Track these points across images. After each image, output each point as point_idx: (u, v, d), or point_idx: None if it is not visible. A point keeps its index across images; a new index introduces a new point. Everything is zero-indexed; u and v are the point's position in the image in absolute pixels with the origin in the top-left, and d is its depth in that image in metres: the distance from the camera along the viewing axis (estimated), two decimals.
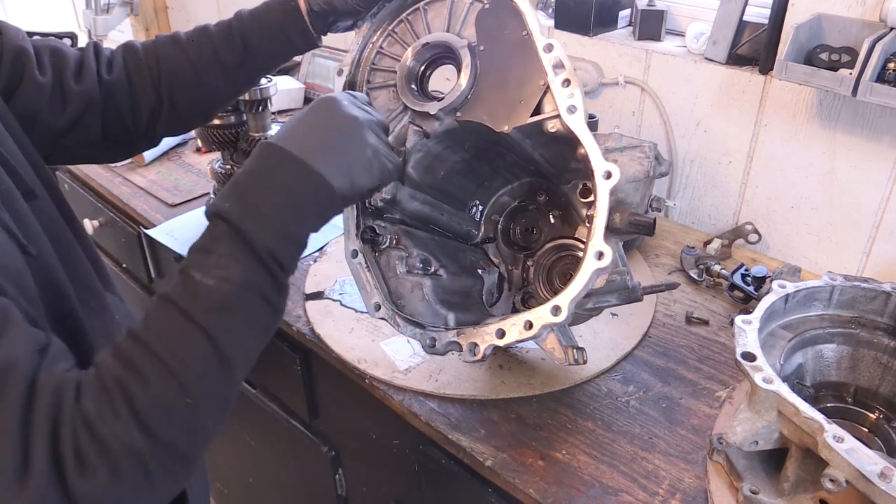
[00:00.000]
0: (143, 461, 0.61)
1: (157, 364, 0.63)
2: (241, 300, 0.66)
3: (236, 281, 0.66)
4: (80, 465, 0.58)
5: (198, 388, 0.64)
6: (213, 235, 0.68)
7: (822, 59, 1.19)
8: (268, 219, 0.68)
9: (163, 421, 0.62)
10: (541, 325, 0.87)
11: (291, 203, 0.70)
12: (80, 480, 0.58)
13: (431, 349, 0.96)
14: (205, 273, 0.66)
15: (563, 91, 0.91)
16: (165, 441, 0.62)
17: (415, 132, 1.02)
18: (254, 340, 0.70)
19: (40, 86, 0.87)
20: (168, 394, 0.63)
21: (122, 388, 0.61)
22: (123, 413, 0.60)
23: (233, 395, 0.69)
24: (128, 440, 0.60)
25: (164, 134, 1.03)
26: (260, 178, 0.71)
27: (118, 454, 0.60)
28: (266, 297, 0.69)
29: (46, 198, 0.80)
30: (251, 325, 0.69)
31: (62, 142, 0.92)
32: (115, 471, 0.60)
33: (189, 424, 0.65)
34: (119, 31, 2.56)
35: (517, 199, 1.22)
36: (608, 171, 0.87)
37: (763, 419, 0.84)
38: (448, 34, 1.00)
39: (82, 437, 0.59)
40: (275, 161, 0.71)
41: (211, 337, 0.64)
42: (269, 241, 0.68)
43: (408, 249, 1.07)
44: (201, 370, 0.65)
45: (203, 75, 0.98)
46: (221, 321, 0.65)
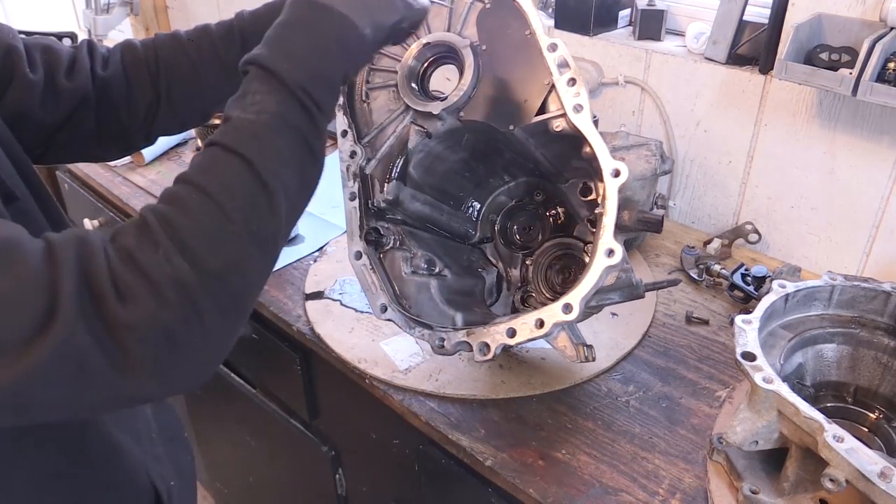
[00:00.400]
0: (190, 292, 0.59)
1: (196, 192, 0.62)
2: (277, 130, 0.67)
3: (272, 112, 0.67)
4: (120, 294, 0.57)
5: (241, 215, 0.63)
6: (248, 80, 0.69)
7: (822, 58, 1.19)
8: (297, 57, 0.70)
9: (207, 248, 0.61)
10: (552, 323, 0.88)
11: (319, 44, 0.71)
12: (122, 309, 0.56)
13: (441, 350, 0.96)
14: (242, 110, 0.67)
15: (568, 90, 0.91)
16: (212, 270, 0.60)
17: (417, 132, 1.02)
18: (294, 176, 0.68)
19: (31, 83, 0.87)
20: (210, 220, 0.62)
21: (161, 219, 0.60)
22: (165, 242, 0.59)
23: (277, 231, 0.67)
24: (171, 269, 0.58)
25: (161, 132, 1.03)
26: (288, 26, 0.72)
27: (162, 281, 0.58)
28: (303, 133, 0.69)
29: (29, 200, 0.80)
30: (290, 158, 0.68)
31: (56, 139, 0.92)
32: (160, 298, 0.58)
33: (235, 256, 0.63)
34: (119, 30, 2.56)
35: (514, 199, 1.22)
36: (616, 170, 0.87)
37: (763, 419, 0.84)
38: (450, 34, 1.00)
39: (121, 269, 0.57)
40: (302, 10, 0.73)
41: (249, 161, 0.64)
42: (300, 76, 0.69)
43: (412, 250, 1.07)
44: (241, 193, 0.64)
45: (202, 73, 0.98)
46: (259, 147, 0.65)
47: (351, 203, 1.06)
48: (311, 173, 0.72)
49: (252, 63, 0.70)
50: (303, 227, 1.52)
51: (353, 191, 1.05)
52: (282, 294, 1.32)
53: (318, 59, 0.71)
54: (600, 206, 0.88)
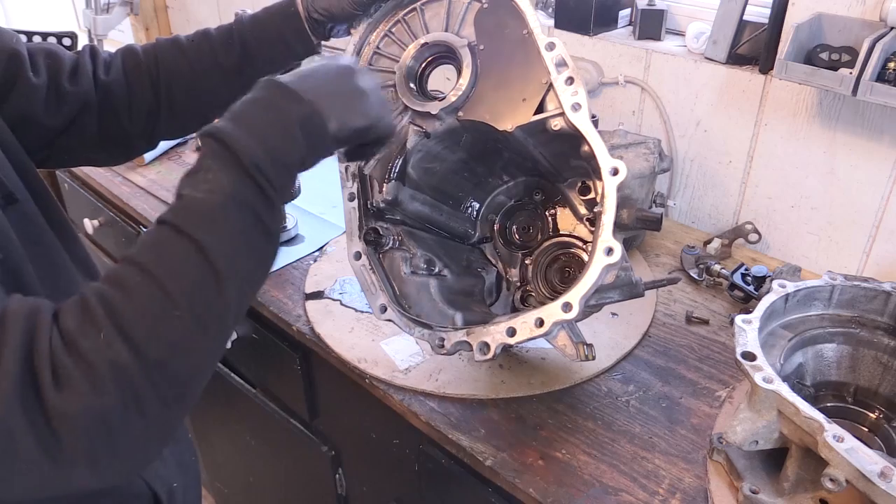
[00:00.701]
0: (130, 378, 0.57)
1: (141, 275, 0.60)
2: (230, 211, 0.64)
3: (225, 192, 0.64)
4: (58, 380, 0.55)
5: (185, 300, 0.60)
6: (203, 154, 0.67)
7: (823, 58, 1.19)
8: (257, 136, 0.67)
9: (150, 334, 0.58)
10: (552, 321, 0.88)
11: (281, 126, 0.69)
12: (58, 395, 0.54)
13: (440, 349, 0.96)
14: (194, 188, 0.65)
15: (566, 89, 0.91)
16: (154, 358, 0.58)
17: (415, 132, 1.02)
18: (247, 258, 0.67)
19: (34, 87, 0.87)
20: (154, 305, 0.59)
21: (104, 302, 0.58)
22: (106, 327, 0.57)
23: (227, 315, 0.65)
24: (111, 354, 0.56)
25: (163, 136, 1.03)
26: (253, 103, 0.71)
27: (101, 368, 0.56)
28: (257, 213, 0.66)
29: (30, 202, 0.80)
30: (243, 240, 0.66)
31: (58, 143, 0.92)
32: (98, 386, 0.55)
33: (179, 342, 0.60)
34: (119, 30, 2.56)
35: (513, 199, 1.22)
36: (615, 168, 0.87)
37: (763, 419, 0.84)
38: (447, 34, 1.00)
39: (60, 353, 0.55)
40: (270, 92, 0.72)
41: (198, 245, 0.62)
42: (257, 156, 0.66)
43: (411, 250, 1.07)
44: (188, 277, 0.61)
45: (202, 78, 0.99)
46: (210, 230, 0.63)
47: (350, 203, 1.06)
48: (266, 251, 0.70)
49: (209, 135, 0.67)
50: (303, 227, 1.52)
51: (351, 191, 1.06)
52: (282, 294, 1.32)
53: (279, 140, 0.69)
54: (599, 204, 0.88)
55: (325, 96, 0.73)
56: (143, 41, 2.68)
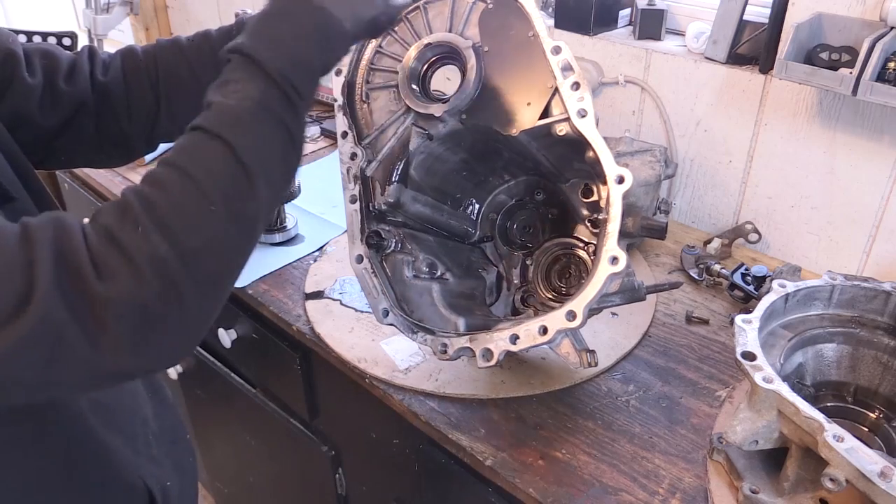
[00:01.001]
0: (168, 270, 0.60)
1: (176, 173, 0.63)
2: (258, 116, 0.68)
3: (254, 98, 0.68)
4: (98, 270, 0.58)
5: (221, 196, 0.64)
6: (230, 68, 0.71)
7: (823, 58, 1.19)
8: (278, 46, 0.71)
9: (186, 228, 0.62)
10: (556, 329, 0.88)
11: (299, 33, 0.72)
12: (101, 285, 0.57)
13: (443, 355, 0.96)
14: (224, 96, 0.68)
15: (572, 94, 0.91)
16: (191, 249, 0.61)
17: (418, 134, 1.02)
18: (275, 161, 0.70)
19: (30, 87, 0.87)
20: (190, 200, 0.63)
21: (142, 200, 0.62)
22: (144, 221, 0.60)
23: (257, 213, 0.69)
24: (149, 247, 0.59)
25: (163, 138, 1.03)
26: (271, 16, 0.74)
27: (140, 259, 0.59)
28: (283, 119, 0.70)
29: (28, 201, 0.80)
30: (271, 144, 0.69)
31: (56, 144, 0.92)
32: (138, 275, 0.59)
33: (214, 236, 0.64)
34: (119, 30, 2.55)
35: (514, 198, 1.22)
36: (621, 176, 0.87)
37: (763, 418, 0.84)
38: (451, 34, 0.99)
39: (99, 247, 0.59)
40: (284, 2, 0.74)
41: (230, 145, 0.65)
42: (281, 64, 0.70)
43: (413, 253, 1.07)
44: (222, 176, 0.65)
45: (202, 79, 0.98)
46: (240, 132, 0.66)
47: (352, 206, 1.05)
48: (292, 158, 0.74)
49: (234, 51, 0.71)
50: (303, 226, 1.52)
51: (353, 193, 1.05)
52: (282, 294, 1.32)
53: (299, 47, 0.72)
54: (604, 211, 0.88)
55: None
56: (143, 41, 2.69)
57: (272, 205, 0.73)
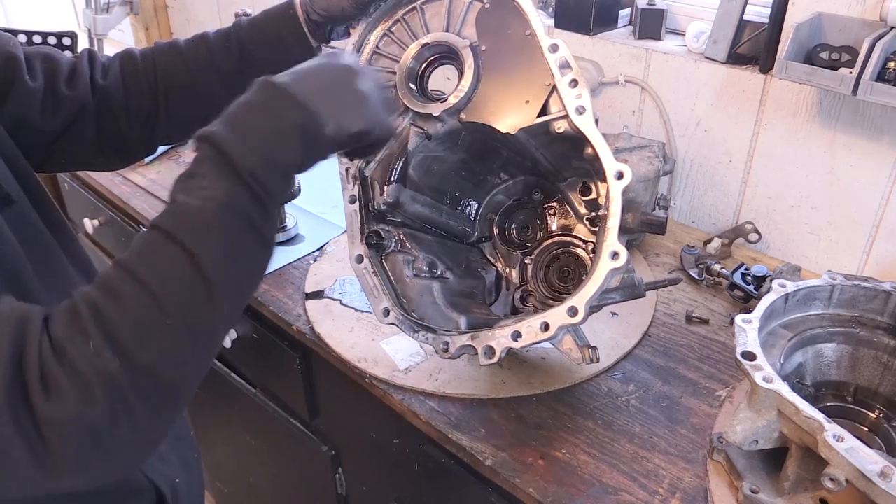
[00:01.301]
0: (118, 387, 0.57)
1: (132, 282, 0.60)
2: (224, 219, 0.64)
3: (219, 200, 0.64)
4: (47, 388, 0.55)
5: (177, 309, 0.60)
6: (198, 159, 0.66)
7: (823, 58, 1.19)
8: (251, 142, 0.67)
9: (139, 342, 0.58)
10: (558, 326, 0.88)
11: (277, 130, 0.69)
12: (47, 404, 0.55)
13: (445, 353, 0.96)
14: (188, 194, 0.64)
15: (570, 92, 0.91)
16: (143, 366, 0.58)
17: (417, 134, 1.02)
18: (240, 267, 0.66)
19: (31, 91, 0.87)
20: (144, 313, 0.59)
21: (94, 310, 0.58)
22: (95, 335, 0.57)
23: (218, 324, 0.65)
24: (100, 363, 0.56)
25: (162, 141, 1.03)
26: (248, 106, 0.70)
27: (90, 377, 0.56)
28: (251, 220, 0.66)
29: (27, 203, 0.80)
30: (236, 249, 0.65)
31: (57, 147, 0.92)
32: (86, 395, 0.56)
33: (169, 349, 0.60)
34: (119, 30, 2.56)
35: (512, 197, 1.22)
36: (620, 172, 0.87)
37: (763, 418, 0.84)
38: (449, 34, 0.99)
39: (49, 361, 0.56)
40: (265, 94, 0.70)
41: (191, 253, 0.61)
42: (252, 162, 0.65)
43: (413, 253, 1.07)
44: (179, 286, 0.61)
45: (200, 81, 0.98)
46: (203, 239, 0.63)
47: (351, 206, 1.05)
48: (259, 260, 0.70)
49: (204, 140, 0.67)
50: (303, 226, 1.52)
51: (352, 193, 1.05)
52: (282, 294, 1.32)
53: (275, 146, 0.68)
54: (604, 207, 0.88)
55: (322, 99, 0.71)
56: (143, 41, 2.69)
57: (237, 310, 0.69)
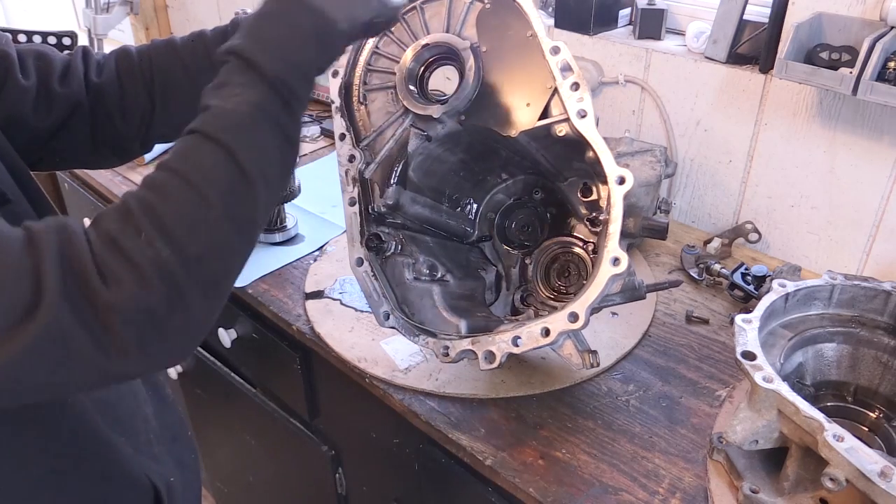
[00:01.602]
0: (172, 275, 0.61)
1: (176, 179, 0.64)
2: (256, 120, 0.68)
3: (252, 102, 0.68)
4: (104, 277, 0.58)
5: (220, 201, 0.65)
6: (227, 70, 0.71)
7: (823, 57, 1.19)
8: (275, 49, 0.71)
9: (188, 233, 0.63)
10: (558, 331, 0.88)
11: (296, 35, 0.73)
12: (107, 291, 0.58)
13: (445, 358, 0.96)
14: (221, 100, 0.68)
15: (572, 95, 0.91)
16: (193, 255, 0.62)
17: (417, 136, 1.01)
18: (272, 163, 0.71)
19: (24, 89, 0.87)
20: (190, 205, 0.63)
21: (143, 205, 0.62)
22: (147, 227, 0.61)
23: (256, 216, 0.70)
24: (153, 252, 0.60)
25: (158, 139, 1.03)
26: (267, 17, 0.73)
27: (145, 265, 0.60)
28: (280, 122, 0.70)
29: (23, 203, 0.80)
30: (269, 147, 0.70)
31: (50, 146, 0.92)
32: (143, 281, 0.59)
33: (215, 239, 0.65)
34: (119, 30, 2.56)
35: (512, 197, 1.22)
36: (622, 177, 0.87)
37: (763, 418, 0.84)
38: (449, 35, 0.99)
39: (104, 253, 0.59)
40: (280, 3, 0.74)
41: (229, 150, 0.66)
42: (278, 67, 0.70)
43: (413, 255, 1.07)
44: (221, 180, 0.65)
45: (196, 79, 0.98)
46: (238, 136, 0.67)
47: (351, 208, 1.05)
48: (289, 159, 0.74)
49: (231, 53, 0.71)
50: (303, 226, 1.52)
51: (352, 196, 1.05)
52: (282, 293, 1.32)
53: (296, 50, 0.72)
54: (605, 212, 0.88)
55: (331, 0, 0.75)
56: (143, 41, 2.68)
57: (270, 206, 0.74)
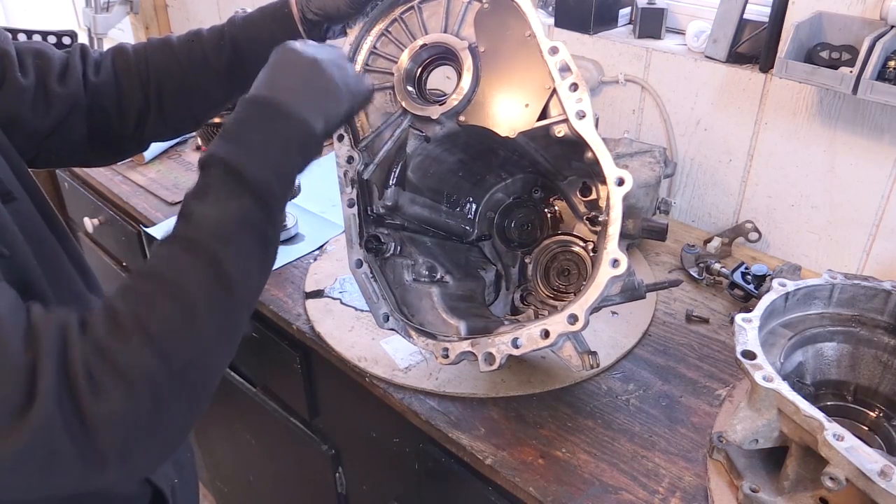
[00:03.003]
0: (157, 386, 0.61)
1: (163, 288, 0.65)
2: (241, 230, 0.70)
3: (237, 212, 0.70)
4: (94, 387, 0.58)
5: (206, 312, 0.66)
6: (209, 177, 0.71)
7: (823, 57, 1.19)
8: (260, 159, 0.73)
9: (175, 343, 0.63)
10: (557, 333, 0.87)
11: (278, 142, 0.75)
12: (95, 402, 0.58)
13: (445, 359, 0.96)
14: (206, 208, 0.69)
15: (570, 95, 0.90)
16: (180, 366, 0.63)
17: (415, 136, 1.01)
18: (253, 268, 0.72)
19: (22, 88, 0.87)
20: (177, 315, 0.64)
21: (131, 312, 0.63)
22: (135, 337, 0.61)
23: (239, 323, 0.71)
24: (142, 363, 0.61)
25: (153, 138, 1.03)
26: (249, 125, 0.75)
27: (133, 377, 0.60)
28: (262, 228, 0.72)
29: (27, 200, 0.80)
30: (251, 252, 0.71)
31: (47, 144, 0.92)
32: (130, 393, 0.60)
33: (201, 349, 0.66)
34: (119, 29, 2.56)
35: (512, 196, 1.21)
36: (621, 178, 0.86)
37: (763, 417, 0.84)
38: (447, 35, 0.98)
39: (95, 362, 0.59)
40: (258, 110, 0.76)
41: (214, 261, 0.67)
42: (263, 178, 0.72)
43: (413, 257, 1.07)
44: (207, 292, 0.66)
45: (192, 78, 0.98)
46: (223, 246, 0.68)
47: (349, 210, 1.04)
48: (268, 261, 0.76)
49: (214, 160, 0.71)
50: (303, 226, 1.52)
51: (351, 197, 1.04)
52: (282, 293, 1.32)
53: (280, 159, 0.75)
54: (604, 213, 0.88)
55: (308, 103, 0.78)
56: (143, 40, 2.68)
57: (252, 304, 0.75)
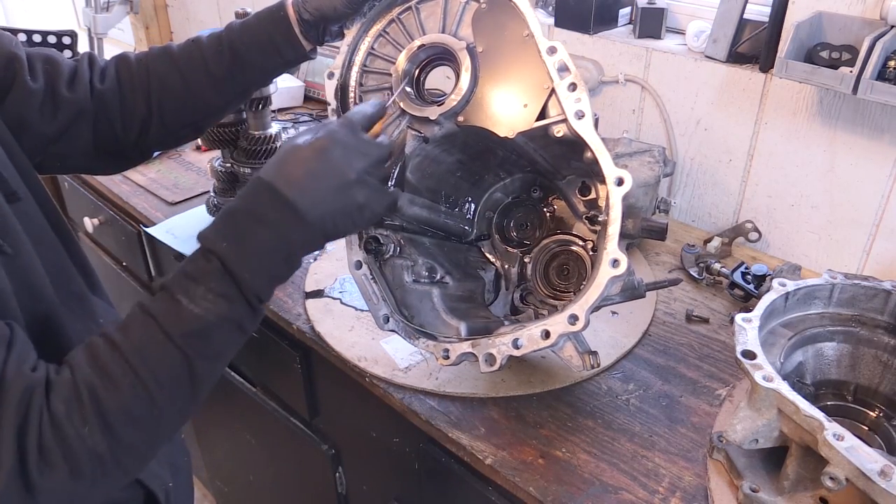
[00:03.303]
0: (103, 462, 0.65)
1: (131, 376, 0.66)
2: (220, 330, 0.71)
3: (221, 315, 0.70)
4: (43, 461, 0.62)
5: (167, 403, 0.69)
6: (205, 269, 0.71)
7: (823, 57, 1.19)
8: (261, 267, 0.73)
9: (128, 427, 0.66)
10: (558, 334, 0.87)
11: (284, 250, 0.75)
12: (41, 476, 0.61)
13: (445, 360, 0.96)
14: (191, 300, 0.69)
15: (569, 95, 0.90)
16: (126, 444, 0.67)
17: (414, 137, 1.01)
18: (223, 362, 0.76)
19: (31, 92, 0.87)
20: (138, 405, 0.67)
21: (93, 394, 0.65)
22: (92, 419, 0.64)
23: (196, 407, 0.74)
24: (92, 444, 0.64)
25: (156, 147, 1.03)
26: (256, 220, 0.74)
27: (81, 456, 0.63)
28: (243, 328, 0.74)
29: (31, 201, 0.81)
30: (225, 351, 0.74)
31: (52, 150, 0.92)
32: (75, 470, 0.63)
33: (151, 432, 0.69)
34: (119, 29, 2.56)
35: (510, 195, 1.21)
36: (620, 178, 0.86)
37: (763, 417, 0.84)
38: (445, 35, 0.98)
39: (48, 436, 0.62)
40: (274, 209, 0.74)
41: (188, 359, 0.69)
42: (259, 286, 0.73)
43: (412, 258, 1.06)
44: (173, 385, 0.69)
45: (192, 86, 0.98)
46: (199, 346, 0.70)
47: None
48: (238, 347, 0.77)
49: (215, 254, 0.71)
50: None
51: None
52: (282, 293, 1.32)
53: (280, 267, 0.76)
54: (604, 213, 0.88)
55: (326, 216, 0.76)
56: (143, 40, 2.69)
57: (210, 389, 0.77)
